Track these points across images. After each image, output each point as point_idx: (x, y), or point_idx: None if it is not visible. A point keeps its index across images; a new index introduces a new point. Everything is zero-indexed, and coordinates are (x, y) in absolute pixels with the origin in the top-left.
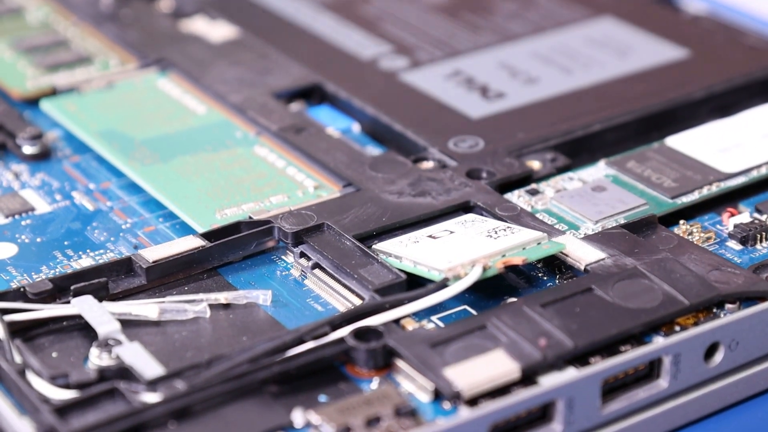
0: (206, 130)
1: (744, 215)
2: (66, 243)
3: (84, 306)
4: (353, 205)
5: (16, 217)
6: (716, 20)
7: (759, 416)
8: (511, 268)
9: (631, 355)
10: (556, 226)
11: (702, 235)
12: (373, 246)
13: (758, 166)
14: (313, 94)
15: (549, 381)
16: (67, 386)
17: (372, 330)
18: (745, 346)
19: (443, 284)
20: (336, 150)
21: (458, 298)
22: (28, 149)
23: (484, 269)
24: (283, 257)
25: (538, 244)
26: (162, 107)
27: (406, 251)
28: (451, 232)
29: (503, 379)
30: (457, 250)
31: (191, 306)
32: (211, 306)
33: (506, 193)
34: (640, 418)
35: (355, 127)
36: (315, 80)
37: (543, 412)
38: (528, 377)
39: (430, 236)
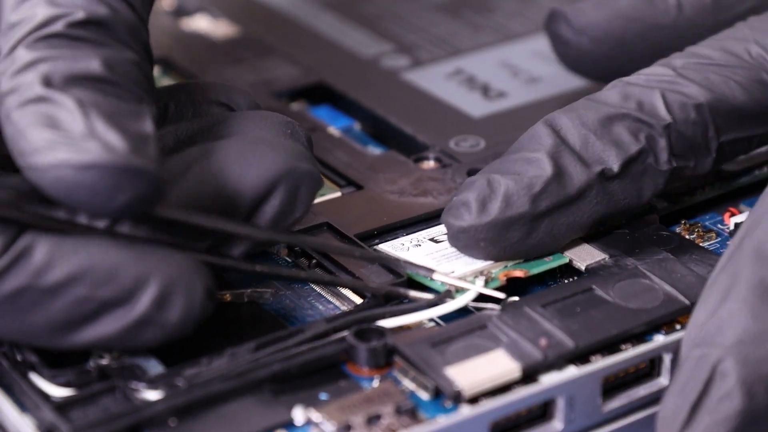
0: None
1: (745, 215)
2: None
3: None
4: (354, 205)
5: None
6: None
7: None
8: (512, 280)
9: (631, 353)
10: None
11: (703, 234)
12: (375, 248)
13: (759, 165)
14: (314, 94)
15: (549, 379)
16: (68, 384)
17: (373, 329)
18: None
19: (446, 294)
20: (337, 149)
21: None
22: None
23: (486, 281)
24: (284, 255)
25: None
26: None
27: (408, 255)
28: None
29: (504, 379)
30: (459, 259)
31: None
32: None
33: None
34: (641, 415)
35: (356, 127)
36: (316, 79)
37: (543, 410)
38: (529, 377)
39: (432, 239)
